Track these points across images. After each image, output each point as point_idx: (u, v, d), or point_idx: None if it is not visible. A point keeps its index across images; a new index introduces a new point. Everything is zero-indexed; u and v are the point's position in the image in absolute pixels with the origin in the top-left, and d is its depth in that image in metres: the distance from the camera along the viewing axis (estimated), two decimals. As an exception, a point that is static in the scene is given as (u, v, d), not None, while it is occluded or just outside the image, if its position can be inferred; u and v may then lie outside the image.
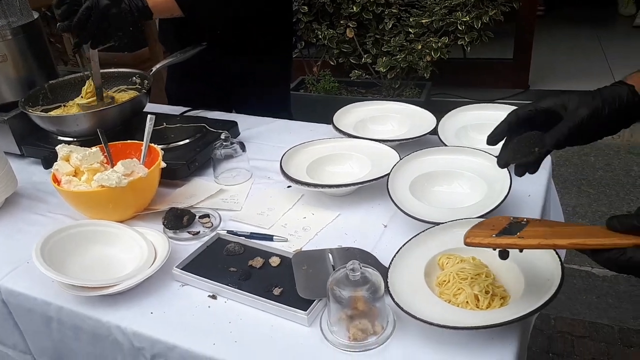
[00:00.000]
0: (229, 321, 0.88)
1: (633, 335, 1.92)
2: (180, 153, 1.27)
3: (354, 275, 0.79)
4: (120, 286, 0.92)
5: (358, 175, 1.17)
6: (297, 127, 1.51)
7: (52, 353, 1.03)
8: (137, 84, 1.48)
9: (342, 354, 0.80)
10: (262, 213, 1.14)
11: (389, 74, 2.91)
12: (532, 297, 0.78)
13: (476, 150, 1.13)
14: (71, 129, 1.30)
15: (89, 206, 1.10)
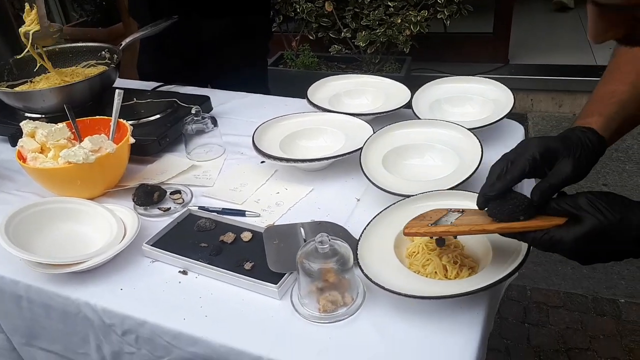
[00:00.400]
0: (200, 296, 0.87)
1: (606, 305, 1.97)
2: (150, 129, 1.25)
3: (322, 247, 0.79)
4: (89, 263, 0.91)
5: (332, 149, 1.17)
6: (271, 101, 1.49)
7: (25, 331, 1.02)
8: (107, 58, 1.44)
9: (313, 326, 0.80)
10: (234, 189, 1.13)
11: (369, 48, 2.88)
12: (499, 267, 0.79)
13: (448, 123, 1.13)
14: (38, 105, 1.26)
15: (56, 183, 1.07)
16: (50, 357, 1.03)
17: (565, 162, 0.74)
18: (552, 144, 0.75)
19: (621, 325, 1.88)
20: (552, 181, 0.73)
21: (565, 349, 1.81)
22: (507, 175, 0.75)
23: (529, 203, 0.73)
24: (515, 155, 0.77)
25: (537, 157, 0.75)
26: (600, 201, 0.67)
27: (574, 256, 0.70)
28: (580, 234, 0.66)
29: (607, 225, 0.65)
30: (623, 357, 1.76)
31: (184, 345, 0.82)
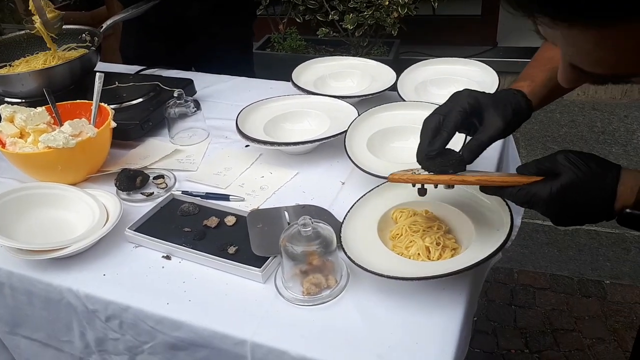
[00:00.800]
0: (183, 281, 0.87)
1: (591, 286, 1.99)
2: (133, 113, 1.23)
3: (305, 230, 0.79)
4: (71, 249, 0.90)
5: (316, 132, 1.16)
6: (256, 84, 1.47)
7: (8, 319, 1.01)
8: (87, 41, 1.42)
9: (297, 309, 0.80)
10: (219, 173, 1.12)
11: (357, 31, 2.85)
12: (481, 247, 0.79)
13: (433, 105, 1.11)
14: (17, 89, 1.24)
15: (36, 169, 1.06)
16: (34, 345, 1.02)
17: (494, 117, 0.76)
18: (481, 97, 0.78)
19: (606, 306, 1.90)
20: (482, 138, 0.76)
21: (551, 330, 1.83)
22: (443, 131, 0.77)
23: (460, 159, 0.76)
24: (447, 109, 0.79)
25: (467, 109, 0.77)
26: (577, 157, 0.68)
27: (549, 211, 0.70)
28: (556, 187, 0.67)
29: (582, 178, 0.66)
30: (607, 337, 1.79)
31: (168, 330, 0.82)
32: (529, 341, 1.80)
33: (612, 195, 0.66)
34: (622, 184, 0.66)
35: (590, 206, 0.68)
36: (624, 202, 0.66)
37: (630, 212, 0.66)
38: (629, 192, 0.66)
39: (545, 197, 0.68)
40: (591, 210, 0.68)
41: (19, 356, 1.08)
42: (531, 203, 0.70)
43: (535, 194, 0.69)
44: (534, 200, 0.69)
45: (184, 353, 0.84)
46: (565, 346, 1.77)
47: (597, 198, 0.67)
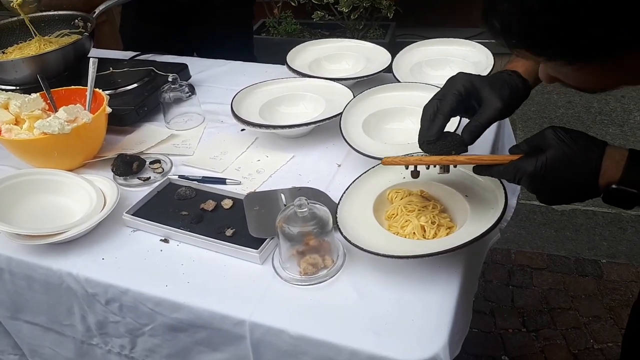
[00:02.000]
0: (182, 263, 0.88)
1: (588, 265, 2.01)
2: (128, 98, 1.23)
3: (301, 211, 0.79)
4: (69, 233, 0.90)
5: (312, 115, 1.16)
6: (251, 68, 1.47)
7: (9, 304, 1.02)
8: (80, 27, 1.40)
9: (294, 289, 0.81)
10: (215, 157, 1.12)
11: (352, 14, 2.83)
12: (476, 226, 0.80)
13: (428, 86, 1.12)
14: (10, 76, 1.23)
15: (32, 155, 1.06)
16: (36, 329, 1.03)
17: (492, 98, 0.77)
18: (476, 80, 0.79)
19: (602, 285, 1.92)
20: (480, 120, 0.77)
21: (548, 309, 1.85)
22: (439, 115, 0.78)
23: (460, 140, 0.77)
24: (442, 93, 0.80)
25: (461, 92, 0.78)
26: (565, 132, 0.68)
27: (534, 185, 0.70)
28: (541, 161, 0.68)
29: (567, 152, 0.67)
30: (604, 315, 1.81)
31: (167, 312, 0.83)
32: (526, 320, 1.82)
33: (597, 169, 0.66)
34: (607, 159, 0.66)
35: (574, 180, 0.68)
36: (609, 178, 0.66)
37: (616, 188, 0.66)
38: (614, 167, 0.65)
39: (530, 170, 0.68)
40: (575, 184, 0.68)
41: (21, 341, 1.09)
42: (517, 178, 0.71)
43: (520, 169, 0.70)
44: (520, 174, 0.70)
45: (184, 334, 0.85)
46: (562, 325, 1.79)
47: (582, 172, 0.67)
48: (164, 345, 0.89)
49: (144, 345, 0.91)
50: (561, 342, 1.74)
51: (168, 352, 0.89)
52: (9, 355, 1.14)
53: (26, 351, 1.11)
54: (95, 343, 0.98)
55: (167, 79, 1.20)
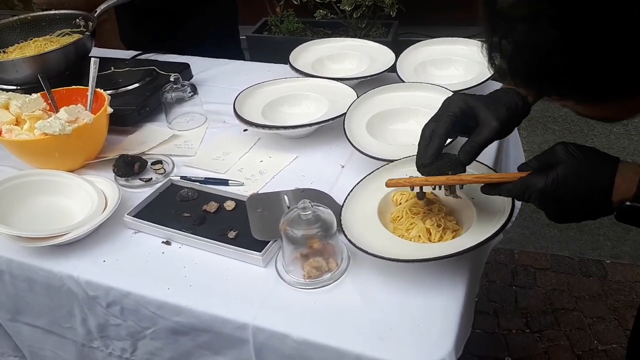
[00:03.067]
0: (184, 266, 0.87)
1: (592, 265, 2.00)
2: (129, 98, 1.22)
3: (305, 214, 0.78)
4: (70, 235, 0.89)
5: (315, 115, 1.15)
6: (253, 68, 1.45)
7: (9, 307, 1.01)
8: (82, 26, 1.39)
9: (298, 292, 0.80)
10: (217, 158, 1.11)
11: (355, 12, 2.82)
12: (482, 229, 0.79)
13: (432, 86, 1.11)
14: (11, 75, 1.22)
15: (33, 156, 1.05)
16: (37, 332, 1.02)
17: (488, 118, 0.75)
18: (471, 101, 0.78)
19: (606, 286, 1.91)
20: (476, 140, 0.76)
21: (551, 310, 1.84)
22: (434, 138, 0.77)
23: (456, 160, 0.77)
24: (438, 115, 0.79)
25: (457, 113, 0.77)
26: (575, 148, 0.67)
27: (544, 203, 0.68)
28: (551, 177, 0.66)
29: (578, 169, 0.65)
30: (608, 316, 1.80)
31: (169, 315, 0.82)
32: (529, 321, 1.81)
33: (609, 186, 0.64)
34: (619, 175, 0.64)
35: (585, 198, 0.66)
36: (622, 195, 0.64)
37: (630, 205, 0.63)
38: (627, 184, 0.63)
39: (540, 187, 0.66)
40: (587, 201, 0.66)
41: (21, 343, 1.08)
42: (527, 195, 0.69)
43: (530, 186, 0.68)
44: (529, 192, 0.68)
45: (185, 338, 0.84)
46: (565, 325, 1.78)
47: (594, 189, 0.65)
48: (165, 348, 0.88)
49: (145, 348, 0.90)
50: (565, 343, 1.73)
51: (169, 355, 0.89)
52: (9, 357, 1.14)
53: (27, 354, 1.10)
54: (96, 346, 0.97)
55: (169, 78, 1.19)
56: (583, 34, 0.47)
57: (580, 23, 0.47)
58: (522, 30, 0.50)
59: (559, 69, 0.50)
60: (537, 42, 0.50)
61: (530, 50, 0.51)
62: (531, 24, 0.50)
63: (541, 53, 0.50)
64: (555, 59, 0.50)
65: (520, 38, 0.51)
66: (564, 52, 0.49)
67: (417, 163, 0.79)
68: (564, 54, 0.49)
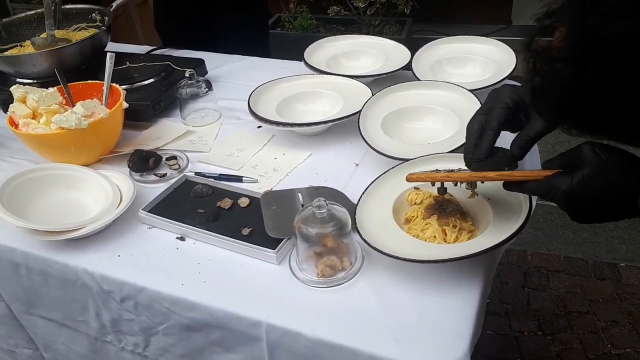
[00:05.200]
0: (198, 262, 0.87)
1: (606, 268, 1.97)
2: (144, 93, 1.22)
3: (320, 212, 0.78)
4: (85, 230, 0.90)
5: (330, 113, 1.14)
6: (268, 64, 1.45)
7: (25, 299, 1.02)
8: (98, 21, 1.40)
9: (311, 291, 0.79)
10: (231, 154, 1.11)
11: (369, 9, 2.81)
12: (499, 230, 0.78)
13: (449, 84, 1.10)
14: (28, 69, 1.23)
15: (49, 149, 1.06)
16: (50, 324, 1.03)
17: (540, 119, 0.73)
18: (523, 92, 0.76)
19: (621, 289, 1.88)
20: (530, 133, 0.74)
21: (564, 313, 1.82)
22: (488, 131, 0.75)
23: (511, 155, 0.74)
24: (488, 108, 0.77)
25: (510, 105, 0.75)
26: (602, 149, 0.65)
27: (568, 204, 0.67)
28: (577, 178, 0.64)
29: (605, 170, 0.63)
30: (622, 320, 1.77)
31: (183, 311, 0.82)
32: (542, 323, 1.79)
33: (636, 189, 0.62)
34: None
35: (611, 200, 0.64)
36: None
37: None
38: None
39: (565, 188, 0.65)
40: (613, 204, 0.64)
41: (35, 335, 1.09)
42: (551, 196, 0.67)
43: (554, 186, 0.66)
44: (554, 192, 0.66)
45: (198, 334, 0.84)
46: (579, 329, 1.76)
47: (620, 191, 0.63)
48: (177, 344, 0.88)
49: (157, 344, 0.91)
50: (578, 347, 1.71)
51: (182, 352, 0.89)
52: (23, 349, 1.15)
53: (40, 346, 1.11)
54: (109, 340, 0.98)
55: (184, 74, 1.19)
56: (624, 76, 0.47)
57: (619, 65, 0.46)
58: (564, 70, 0.50)
59: (599, 109, 0.50)
60: (578, 83, 0.49)
61: (572, 91, 0.50)
62: (573, 65, 0.49)
63: (581, 93, 0.50)
64: (595, 100, 0.49)
65: (562, 78, 0.50)
66: (603, 93, 0.48)
67: (467, 158, 0.77)
68: (603, 95, 0.48)
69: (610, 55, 0.46)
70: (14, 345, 1.15)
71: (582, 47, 0.48)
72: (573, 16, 0.48)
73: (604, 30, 0.45)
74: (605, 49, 0.46)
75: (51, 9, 1.28)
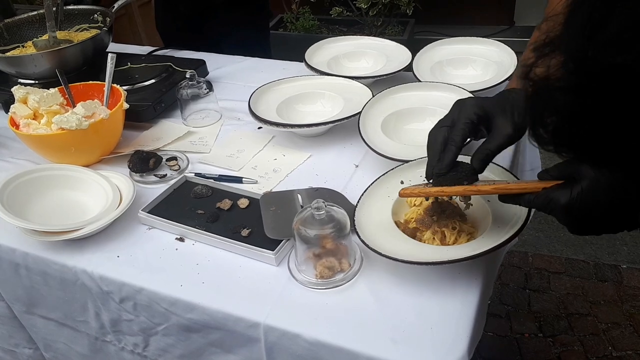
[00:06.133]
0: (197, 263, 0.87)
1: (607, 270, 1.97)
2: (145, 94, 1.22)
3: (319, 214, 0.78)
4: (85, 230, 0.90)
5: (330, 114, 1.14)
6: (269, 65, 1.45)
7: (25, 299, 1.03)
8: (99, 22, 1.40)
9: (310, 292, 0.79)
10: (231, 155, 1.11)
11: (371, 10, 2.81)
12: (498, 232, 0.78)
13: (449, 86, 1.10)
14: (29, 70, 1.23)
15: (50, 150, 1.06)
16: (50, 324, 1.04)
17: (502, 124, 0.73)
18: (487, 106, 0.75)
19: (622, 291, 1.88)
20: (491, 147, 0.73)
21: (565, 315, 1.82)
22: (450, 146, 0.75)
23: (471, 169, 0.73)
24: (452, 120, 0.76)
25: (474, 120, 0.75)
26: None
27: (568, 218, 0.65)
28: (576, 191, 0.62)
29: (606, 183, 0.61)
30: (623, 322, 1.77)
31: (182, 312, 0.82)
32: (542, 325, 1.79)
33: (637, 202, 0.60)
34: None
35: (612, 213, 0.62)
36: None
37: None
38: None
39: (565, 202, 0.63)
40: (613, 217, 0.63)
41: (36, 335, 1.10)
42: (549, 209, 0.65)
43: (553, 199, 0.64)
44: (552, 206, 0.64)
45: (197, 335, 0.84)
46: (579, 331, 1.76)
47: (620, 205, 0.61)
48: (176, 345, 0.88)
49: (156, 344, 0.91)
50: (579, 349, 1.71)
51: (181, 352, 0.89)
52: (23, 349, 1.15)
53: (41, 346, 1.11)
54: (108, 340, 0.98)
55: (185, 75, 1.20)
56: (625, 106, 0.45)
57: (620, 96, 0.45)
58: (563, 99, 0.49)
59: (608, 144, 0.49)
60: (578, 112, 0.48)
61: (571, 120, 0.49)
62: (572, 95, 0.48)
63: (581, 122, 0.49)
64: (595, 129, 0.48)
65: (561, 108, 0.49)
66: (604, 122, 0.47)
67: (428, 172, 0.76)
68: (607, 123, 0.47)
69: (611, 86, 0.45)
70: (15, 345, 1.16)
71: (582, 77, 0.46)
72: (572, 45, 0.47)
73: (604, 61, 0.44)
74: (606, 80, 0.45)
75: (52, 10, 1.28)
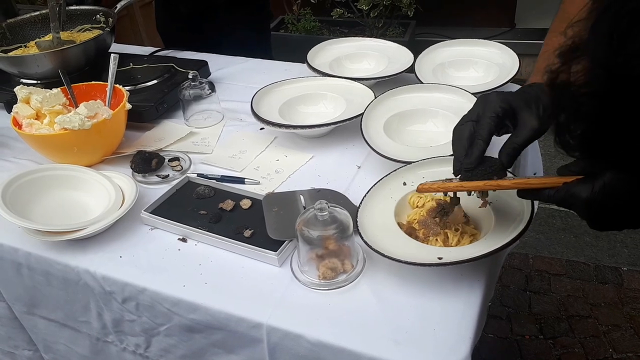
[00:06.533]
0: (199, 263, 0.87)
1: (608, 272, 1.97)
2: (148, 94, 1.23)
3: (321, 215, 0.78)
4: (87, 230, 0.90)
5: (332, 115, 1.14)
6: (271, 66, 1.45)
7: (27, 299, 1.03)
8: (102, 22, 1.41)
9: (313, 293, 0.79)
10: (233, 156, 1.11)
11: (372, 12, 2.81)
12: (501, 234, 0.78)
13: (451, 87, 1.10)
14: (32, 70, 1.23)
15: (52, 150, 1.06)
16: (51, 325, 1.04)
17: (529, 118, 0.73)
18: (512, 100, 0.75)
19: (623, 293, 1.88)
20: (518, 141, 0.73)
21: (566, 317, 1.82)
22: (478, 140, 0.74)
23: (500, 164, 0.73)
24: (477, 115, 0.76)
25: (499, 114, 0.74)
26: None
27: (589, 213, 0.64)
28: (598, 185, 0.61)
29: (628, 177, 0.59)
30: (624, 324, 1.77)
31: (184, 312, 0.82)
32: (543, 327, 1.79)
33: None
34: None
35: (634, 208, 0.61)
36: None
37: None
38: None
39: (586, 196, 0.61)
40: (635, 212, 0.61)
41: (36, 336, 1.10)
42: (570, 203, 0.64)
43: (574, 194, 0.63)
44: (573, 200, 0.63)
45: (199, 335, 0.84)
46: (580, 333, 1.76)
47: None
48: (179, 345, 0.88)
49: (159, 345, 0.91)
50: (579, 351, 1.71)
51: (183, 352, 0.89)
52: (23, 350, 1.15)
53: (40, 347, 1.11)
54: (110, 341, 0.98)
55: (187, 75, 1.20)
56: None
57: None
58: (589, 106, 0.49)
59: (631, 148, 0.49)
60: (605, 118, 0.48)
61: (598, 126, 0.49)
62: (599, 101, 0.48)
63: (608, 128, 0.49)
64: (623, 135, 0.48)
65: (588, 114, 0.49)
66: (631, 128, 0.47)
67: (456, 167, 0.76)
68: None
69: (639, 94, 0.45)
70: (14, 346, 1.15)
71: (609, 84, 0.46)
72: (599, 52, 0.46)
73: (634, 71, 0.44)
74: (635, 88, 0.45)
75: (56, 11, 1.28)
